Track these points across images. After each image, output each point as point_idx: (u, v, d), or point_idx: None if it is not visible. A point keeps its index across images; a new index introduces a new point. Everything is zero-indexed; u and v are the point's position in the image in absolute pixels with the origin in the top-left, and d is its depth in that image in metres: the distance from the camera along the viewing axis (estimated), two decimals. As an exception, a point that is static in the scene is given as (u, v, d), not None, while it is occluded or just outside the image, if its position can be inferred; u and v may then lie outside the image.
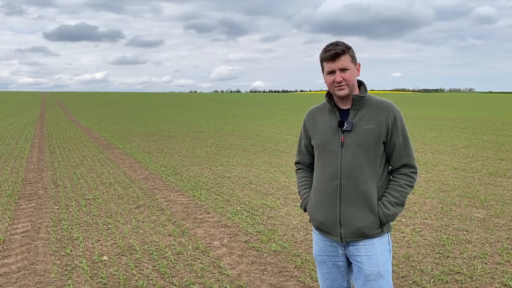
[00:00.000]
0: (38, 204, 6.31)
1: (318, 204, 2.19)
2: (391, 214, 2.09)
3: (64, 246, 4.58)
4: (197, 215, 5.71)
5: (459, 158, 10.25)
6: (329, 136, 2.14)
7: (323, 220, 2.17)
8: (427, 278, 3.77)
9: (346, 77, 2.06)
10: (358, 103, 2.12)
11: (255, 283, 3.72)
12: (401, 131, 2.11)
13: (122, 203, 6.33)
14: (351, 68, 2.07)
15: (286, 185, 7.45)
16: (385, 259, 2.15)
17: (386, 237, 2.18)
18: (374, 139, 2.07)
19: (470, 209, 5.87)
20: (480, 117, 25.48)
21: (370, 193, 2.08)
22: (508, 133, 15.96)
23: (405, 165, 2.15)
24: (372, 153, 2.08)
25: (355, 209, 2.08)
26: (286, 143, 13.66)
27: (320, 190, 2.18)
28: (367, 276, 2.12)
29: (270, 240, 4.75)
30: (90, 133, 17.31)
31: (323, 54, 2.08)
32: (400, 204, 2.12)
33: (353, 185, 2.07)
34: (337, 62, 2.05)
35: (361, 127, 2.08)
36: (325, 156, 2.16)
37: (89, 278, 3.81)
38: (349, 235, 2.11)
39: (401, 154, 2.13)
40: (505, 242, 4.63)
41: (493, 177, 7.97)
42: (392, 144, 2.11)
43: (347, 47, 2.07)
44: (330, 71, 2.08)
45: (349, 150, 2.08)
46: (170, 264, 4.11)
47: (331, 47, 2.06)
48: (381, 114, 2.09)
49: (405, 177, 2.14)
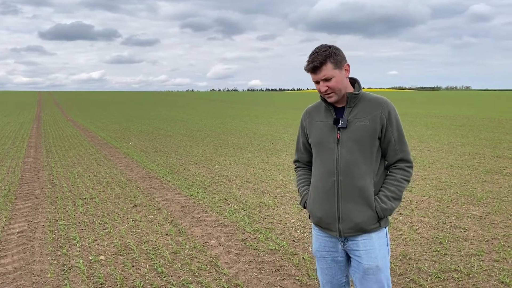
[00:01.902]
0: (35, 204, 6.29)
1: (317, 201, 2.22)
2: (388, 208, 2.13)
3: (60, 246, 4.57)
4: (194, 214, 5.70)
5: (455, 156, 10.27)
6: (325, 133, 2.17)
7: (322, 216, 2.20)
8: (424, 275, 3.77)
9: (331, 85, 2.08)
10: (353, 101, 2.14)
11: (252, 282, 3.72)
12: (395, 126, 2.14)
13: (119, 203, 6.31)
14: (335, 75, 2.07)
15: (283, 184, 7.45)
16: (383, 254, 2.19)
17: (384, 232, 2.22)
18: (369, 135, 2.10)
19: (467, 207, 5.88)
20: (477, 115, 25.55)
21: (367, 188, 2.11)
22: (505, 131, 16.01)
23: (401, 160, 2.19)
24: (367, 149, 2.11)
25: (353, 205, 2.12)
26: (283, 141, 13.66)
27: (318, 186, 2.21)
28: (365, 270, 2.16)
29: (267, 238, 4.75)
30: (87, 133, 17.26)
31: (305, 65, 2.11)
32: (397, 198, 2.15)
33: (350, 181, 2.11)
34: (318, 74, 2.08)
35: (356, 123, 2.11)
36: (322, 153, 2.19)
37: (86, 278, 3.79)
38: (347, 230, 2.15)
39: (396, 149, 2.16)
40: (502, 239, 4.64)
41: (489, 175, 7.99)
42: (387, 140, 2.14)
43: (328, 54, 2.05)
44: (315, 81, 2.12)
45: (345, 147, 2.11)
46: (167, 264, 4.10)
47: (310, 58, 2.07)
48: (375, 110, 2.12)
49: (401, 172, 2.18)
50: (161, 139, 14.64)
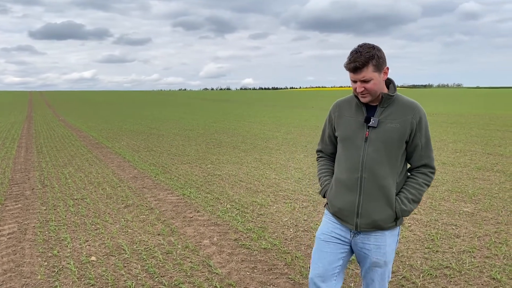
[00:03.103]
0: (25, 205, 6.22)
1: (339, 193, 2.26)
2: (407, 210, 2.18)
3: (51, 247, 4.52)
4: (186, 214, 5.67)
5: (447, 153, 10.33)
6: (354, 130, 2.20)
7: (342, 207, 2.25)
8: (417, 273, 3.78)
9: (368, 87, 2.09)
10: (387, 101, 2.17)
11: (245, 281, 3.70)
12: (424, 132, 2.18)
13: (110, 203, 6.27)
14: (374, 78, 2.07)
15: (276, 182, 7.44)
16: (392, 250, 2.27)
17: (397, 230, 2.29)
18: (397, 137, 2.13)
19: (459, 204, 5.91)
20: (468, 112, 25.73)
21: (389, 188, 2.15)
22: (496, 128, 16.13)
23: (425, 165, 2.23)
24: (394, 151, 2.14)
25: (374, 202, 2.16)
26: (276, 140, 13.66)
27: (341, 179, 2.25)
28: (373, 263, 2.25)
29: (260, 237, 4.74)
30: (79, 132, 17.13)
31: (346, 63, 2.09)
32: (416, 201, 2.20)
33: (374, 179, 2.15)
34: (358, 74, 2.07)
35: (387, 125, 2.13)
36: (349, 148, 2.22)
37: (77, 279, 3.75)
38: (364, 226, 2.20)
39: (422, 154, 2.20)
40: (493, 236, 4.67)
41: (481, 172, 8.04)
42: (414, 144, 2.18)
43: (371, 56, 2.03)
44: (353, 80, 2.12)
45: (372, 146, 2.14)
46: (159, 264, 4.07)
47: (353, 58, 2.05)
48: (407, 114, 2.14)
49: (423, 176, 2.22)
50: (154, 139, 14.57)
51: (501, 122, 18.47)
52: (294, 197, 6.43)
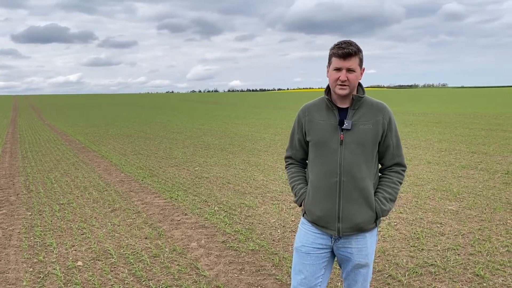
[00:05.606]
0: (10, 210, 6.14)
1: (317, 200, 2.23)
2: (386, 210, 2.22)
3: (36, 253, 4.47)
4: (174, 217, 5.66)
5: (433, 152, 10.46)
6: (328, 133, 2.18)
7: (322, 215, 2.22)
8: (402, 271, 3.83)
9: (351, 78, 2.10)
10: (357, 103, 2.18)
11: (232, 283, 3.71)
12: (394, 132, 2.23)
13: (97, 207, 6.22)
14: (357, 70, 2.12)
15: (264, 184, 7.46)
16: (372, 250, 2.29)
17: (375, 231, 2.31)
18: (371, 138, 2.15)
19: (444, 202, 5.99)
20: (453, 112, 26.08)
21: (368, 189, 2.17)
22: (480, 127, 16.38)
23: (397, 164, 2.27)
24: (369, 152, 2.16)
25: (354, 205, 2.17)
26: (264, 141, 13.68)
27: (319, 186, 2.22)
28: (355, 265, 2.26)
29: (247, 239, 4.75)
30: (64, 137, 16.95)
31: (335, 50, 2.10)
32: (393, 200, 2.24)
33: (353, 181, 2.15)
34: (347, 61, 2.08)
35: (360, 126, 2.15)
36: (324, 153, 2.20)
37: (63, 285, 3.72)
38: (347, 230, 2.19)
39: (394, 153, 2.25)
40: (477, 233, 4.75)
41: (465, 170, 8.17)
42: (386, 144, 2.22)
43: (360, 49, 2.11)
44: (338, 68, 2.11)
45: (349, 148, 2.14)
46: (146, 267, 4.06)
47: (344, 45, 2.08)
48: (377, 115, 2.18)
49: (397, 175, 2.27)
50: (140, 142, 14.48)
51: (485, 121, 18.76)
52: (281, 198, 6.45)
